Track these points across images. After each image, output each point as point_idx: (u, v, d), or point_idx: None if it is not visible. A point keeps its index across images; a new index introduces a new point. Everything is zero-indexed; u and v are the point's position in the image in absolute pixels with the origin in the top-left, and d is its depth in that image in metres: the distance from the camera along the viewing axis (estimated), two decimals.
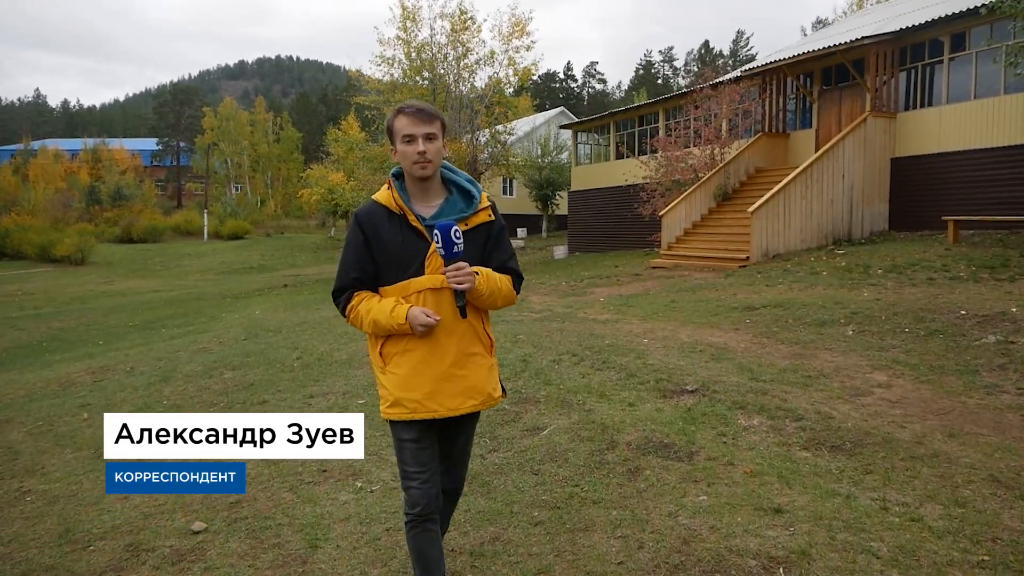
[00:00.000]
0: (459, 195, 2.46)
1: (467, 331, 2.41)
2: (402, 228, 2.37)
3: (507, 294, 2.46)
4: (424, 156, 2.34)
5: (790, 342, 7.13)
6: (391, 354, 2.41)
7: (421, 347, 2.36)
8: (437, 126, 2.39)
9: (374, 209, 2.42)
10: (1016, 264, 10.53)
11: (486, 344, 2.49)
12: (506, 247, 2.52)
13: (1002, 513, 3.03)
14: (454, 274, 2.28)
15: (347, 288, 2.44)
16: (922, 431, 4.15)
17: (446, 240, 2.25)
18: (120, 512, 4.00)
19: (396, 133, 2.39)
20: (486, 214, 2.45)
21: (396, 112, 2.41)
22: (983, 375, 5.51)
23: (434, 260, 2.34)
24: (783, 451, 3.86)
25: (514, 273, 2.52)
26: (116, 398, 7.49)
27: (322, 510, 3.63)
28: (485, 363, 2.46)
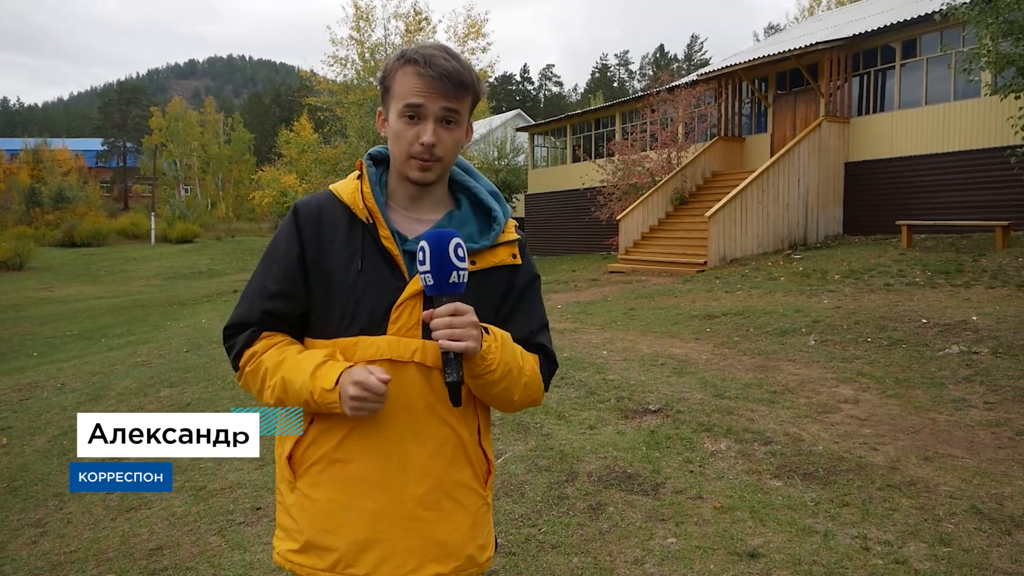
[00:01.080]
0: (471, 211, 1.50)
1: (449, 440, 1.41)
2: (365, 246, 1.41)
3: (531, 384, 1.45)
4: (431, 152, 1.39)
5: (752, 352, 6.95)
6: (309, 461, 1.41)
7: (364, 457, 1.38)
8: (466, 104, 1.43)
9: (328, 204, 1.45)
10: (970, 269, 10.58)
11: (479, 467, 1.48)
12: (538, 311, 1.53)
13: (990, 552, 2.82)
14: (446, 323, 1.29)
15: (250, 324, 1.42)
16: (896, 454, 3.95)
17: (440, 259, 1.28)
18: (25, 560, 3.57)
19: (395, 95, 1.42)
20: (509, 252, 1.48)
21: (404, 60, 1.40)
22: (950, 388, 5.37)
23: (407, 311, 1.38)
24: (753, 480, 3.61)
25: (545, 354, 1.52)
26: (40, 420, 6.98)
27: (252, 557, 3.26)
28: (473, 503, 1.45)
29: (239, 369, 1.44)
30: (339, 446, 1.38)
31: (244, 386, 1.46)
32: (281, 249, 1.45)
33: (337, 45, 25.91)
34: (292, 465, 1.43)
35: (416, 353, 1.37)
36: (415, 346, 1.37)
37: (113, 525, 3.90)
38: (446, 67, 1.37)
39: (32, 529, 4.03)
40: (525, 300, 1.50)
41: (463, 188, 1.53)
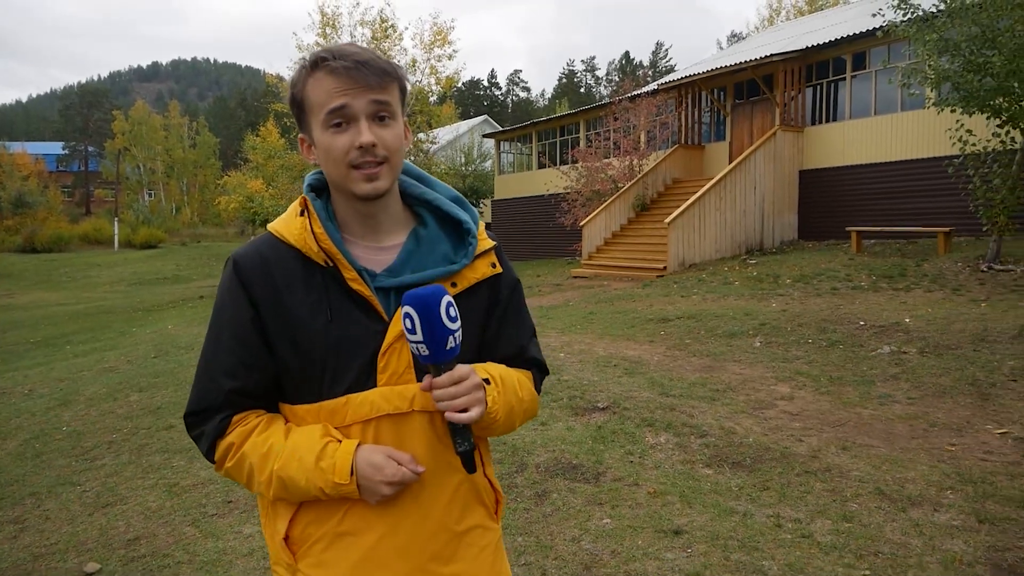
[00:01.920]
0: (438, 226, 1.33)
1: (461, 485, 1.30)
2: (330, 291, 1.22)
3: (529, 408, 1.36)
4: (374, 153, 1.20)
5: (701, 354, 7.34)
6: (311, 540, 1.24)
7: (376, 525, 1.23)
8: (394, 93, 1.24)
9: (273, 254, 1.24)
10: (912, 273, 11.12)
11: (489, 501, 1.37)
12: (525, 320, 1.42)
13: (885, 526, 3.20)
14: (451, 393, 1.16)
15: (216, 410, 1.24)
16: (818, 444, 4.34)
17: (432, 327, 1.13)
18: (8, 553, 3.79)
19: (312, 107, 1.22)
20: (487, 263, 1.34)
21: (311, 65, 1.21)
22: (878, 385, 5.80)
23: (395, 356, 1.23)
24: (687, 469, 3.97)
25: (536, 366, 1.43)
26: (10, 425, 7.10)
27: (224, 544, 3.52)
28: (489, 541, 1.35)
29: (216, 462, 1.26)
30: (344, 518, 1.21)
31: (227, 476, 1.28)
32: (228, 315, 1.23)
33: (303, 51, 26.00)
34: (290, 546, 1.25)
35: (416, 401, 1.21)
36: (412, 392, 1.21)
37: (91, 520, 4.13)
38: (361, 55, 1.19)
39: (11, 525, 4.24)
40: (511, 310, 1.38)
41: (421, 201, 1.34)
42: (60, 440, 6.21)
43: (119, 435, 6.11)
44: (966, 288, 9.51)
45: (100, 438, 6.11)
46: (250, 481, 1.24)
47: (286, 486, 1.19)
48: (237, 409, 1.24)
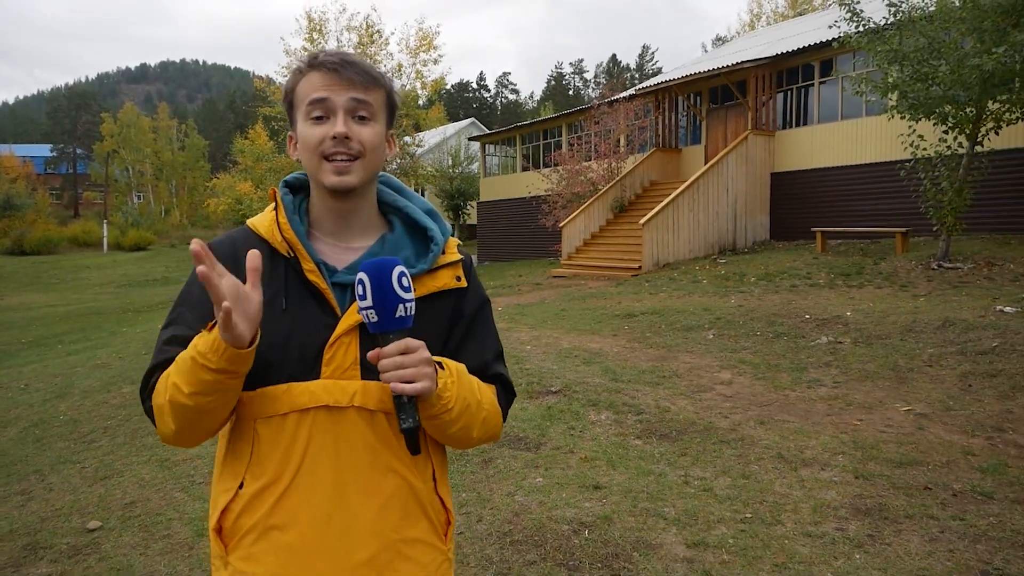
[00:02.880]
0: (405, 232, 1.37)
1: (399, 492, 1.26)
2: (288, 281, 1.26)
3: (490, 418, 1.32)
4: (346, 145, 1.24)
5: (658, 346, 7.89)
6: (241, 532, 1.23)
7: (303, 521, 1.21)
8: (377, 97, 1.29)
9: (243, 242, 1.30)
10: (868, 271, 11.72)
11: (437, 518, 1.33)
12: (491, 338, 1.41)
13: (775, 482, 3.75)
14: (397, 362, 1.13)
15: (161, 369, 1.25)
16: (739, 420, 4.90)
17: (383, 292, 1.13)
18: (17, 517, 4.29)
19: (299, 102, 1.29)
20: (452, 274, 1.35)
21: (306, 65, 1.29)
22: (809, 371, 6.36)
23: (342, 351, 1.24)
24: (619, 440, 4.51)
25: (502, 384, 1.41)
26: (10, 415, 7.57)
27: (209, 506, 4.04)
28: (432, 560, 1.30)
29: (148, 412, 1.27)
30: (273, 510, 1.20)
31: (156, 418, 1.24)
32: (195, 295, 1.27)
33: (291, 56, 26.48)
34: (222, 538, 1.25)
35: (356, 396, 1.22)
36: (354, 388, 1.22)
37: (91, 490, 4.63)
38: (350, 57, 1.27)
39: (18, 496, 4.74)
40: (476, 327, 1.36)
41: (395, 209, 1.38)
42: (58, 427, 6.69)
43: (114, 422, 6.60)
44: (913, 285, 10.10)
45: (96, 424, 6.59)
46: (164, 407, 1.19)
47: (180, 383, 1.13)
48: None
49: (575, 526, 3.27)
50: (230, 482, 1.25)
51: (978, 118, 10.62)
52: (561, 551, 3.05)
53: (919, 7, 10.86)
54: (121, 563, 3.43)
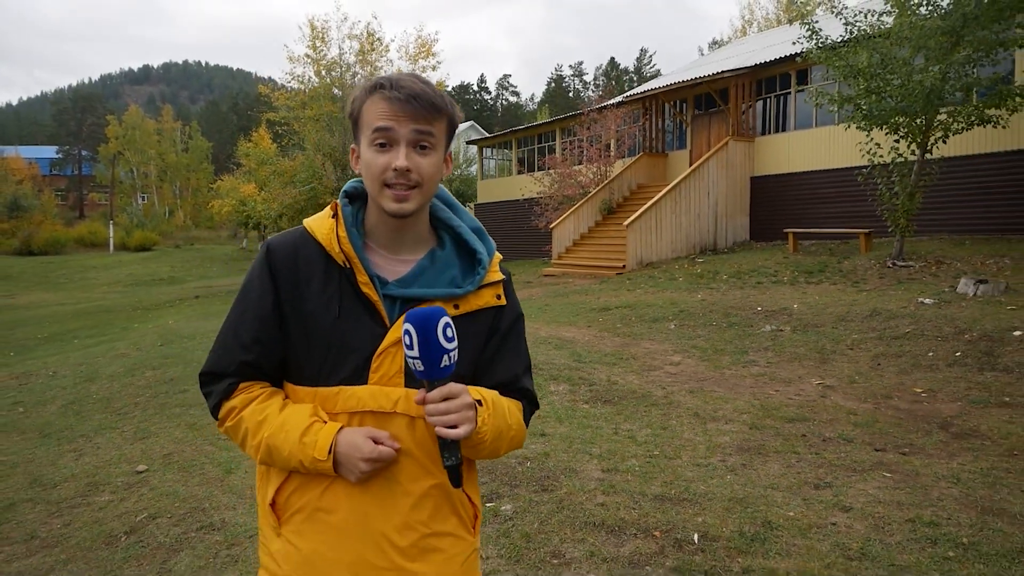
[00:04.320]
0: (454, 251, 1.46)
1: (433, 491, 1.38)
2: (343, 290, 1.36)
3: (517, 436, 1.43)
4: (407, 177, 1.33)
5: (624, 335, 8.83)
6: (293, 509, 1.38)
7: (347, 507, 1.35)
8: (440, 127, 1.38)
9: (303, 247, 1.40)
10: (830, 269, 12.65)
11: (466, 514, 1.46)
12: (521, 352, 1.51)
13: (685, 431, 4.70)
14: (442, 409, 1.24)
15: (226, 375, 1.39)
16: (674, 390, 5.85)
17: (428, 346, 1.21)
18: (76, 466, 5.24)
19: (364, 124, 1.36)
20: (493, 293, 1.45)
21: (372, 87, 1.36)
22: (749, 354, 7.30)
23: (389, 360, 1.34)
24: (570, 404, 5.46)
25: (528, 397, 1.51)
26: (46, 395, 8.51)
27: (234, 455, 4.99)
28: (460, 551, 1.42)
29: (219, 420, 1.41)
30: (323, 495, 1.34)
31: (225, 434, 1.42)
32: (254, 296, 1.39)
33: (294, 62, 27.43)
34: (276, 511, 1.39)
35: (399, 403, 1.32)
36: (398, 395, 1.32)
37: (132, 447, 5.58)
38: (414, 88, 1.32)
39: (72, 453, 5.69)
40: (509, 341, 1.46)
41: (446, 226, 1.47)
42: (93, 403, 7.65)
43: (143, 398, 7.55)
44: (865, 281, 11.04)
45: (127, 400, 7.55)
46: (244, 443, 1.37)
47: (271, 453, 1.32)
48: (245, 378, 1.37)
49: (520, 460, 4.21)
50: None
51: (928, 128, 11.55)
52: (507, 475, 3.99)
53: (875, 24, 11.79)
54: (167, 491, 4.39)
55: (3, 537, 4.03)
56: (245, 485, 4.36)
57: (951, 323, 7.09)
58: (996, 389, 5.49)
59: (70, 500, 4.52)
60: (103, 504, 4.36)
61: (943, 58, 10.55)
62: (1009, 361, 5.93)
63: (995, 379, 5.70)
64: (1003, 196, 13.53)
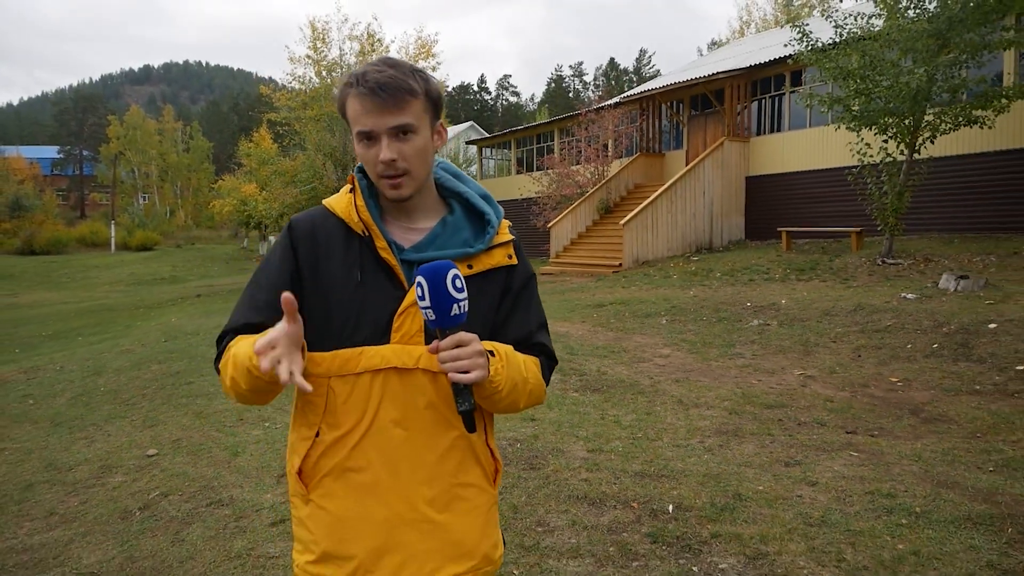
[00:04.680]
0: (464, 215, 1.54)
1: (458, 443, 1.45)
2: (363, 259, 1.45)
3: (535, 390, 1.49)
4: (394, 167, 1.41)
5: (617, 330, 9.08)
6: (321, 473, 1.44)
7: (376, 465, 1.41)
8: (414, 111, 1.41)
9: (322, 221, 1.50)
10: (821, 267, 12.89)
11: (487, 466, 1.52)
12: (535, 309, 1.58)
13: (667, 416, 4.95)
14: (453, 355, 1.29)
15: (237, 331, 1.46)
16: (660, 379, 6.10)
17: (438, 295, 1.28)
18: (89, 451, 5.49)
19: (350, 124, 1.46)
20: (504, 253, 1.53)
21: (347, 87, 1.42)
22: (736, 347, 7.55)
23: (409, 319, 1.42)
24: (561, 392, 5.71)
25: (545, 353, 1.57)
26: (55, 388, 8.76)
27: (240, 439, 5.24)
28: (483, 502, 1.50)
29: (219, 372, 1.44)
30: (351, 455, 1.40)
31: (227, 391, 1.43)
32: (274, 264, 1.47)
33: (295, 63, 27.69)
34: (303, 479, 1.44)
35: (421, 360, 1.39)
36: (419, 352, 1.39)
37: (142, 433, 5.84)
38: (380, 79, 1.36)
39: (84, 440, 5.94)
40: (522, 299, 1.52)
41: (453, 193, 1.55)
42: (102, 395, 7.89)
43: (149, 390, 7.80)
44: (854, 278, 11.29)
45: (134, 392, 7.80)
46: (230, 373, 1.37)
47: (236, 363, 1.34)
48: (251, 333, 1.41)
49: (510, 440, 4.47)
50: (306, 431, 1.44)
51: (916, 128, 11.79)
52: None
53: (865, 27, 12.04)
54: (178, 472, 4.64)
55: (24, 514, 4.28)
56: (251, 466, 4.61)
57: (931, 317, 7.34)
58: (968, 378, 5.74)
59: (85, 481, 4.77)
60: (117, 484, 4.61)
61: (929, 60, 10.79)
62: (983, 352, 6.18)
63: (968, 369, 5.95)
64: (991, 195, 13.78)
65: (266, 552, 3.33)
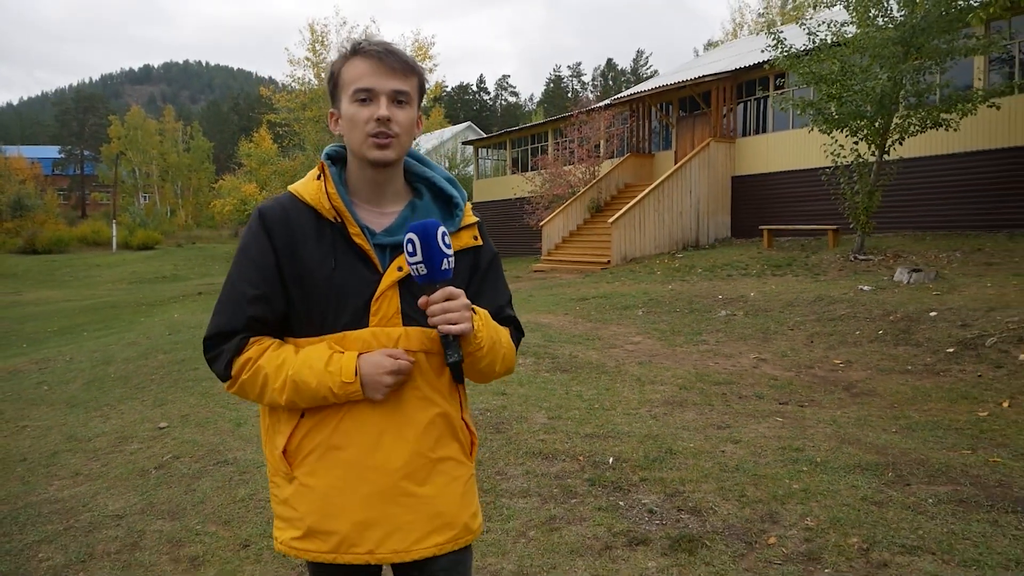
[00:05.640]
0: (432, 200, 1.60)
1: (436, 419, 1.51)
2: (336, 244, 1.46)
3: (508, 355, 1.60)
4: (388, 127, 1.44)
5: (596, 320, 9.66)
6: (305, 452, 1.48)
7: (357, 442, 1.45)
8: (413, 84, 1.50)
9: (292, 209, 1.49)
10: (797, 263, 13.47)
11: (464, 440, 1.60)
12: (501, 287, 1.68)
13: (625, 391, 5.54)
14: (444, 307, 1.38)
15: (237, 331, 1.46)
16: (624, 361, 6.69)
17: (430, 249, 1.36)
18: (105, 425, 6.08)
19: (344, 84, 1.48)
20: (471, 235, 1.60)
21: (350, 52, 1.49)
22: (703, 335, 8.14)
23: (386, 303, 1.46)
24: (533, 372, 6.30)
25: (514, 325, 1.70)
26: (68, 376, 9.34)
27: (243, 413, 5.83)
28: (461, 474, 1.57)
29: (231, 378, 1.46)
30: (333, 433, 1.45)
31: (238, 393, 1.48)
32: (254, 254, 1.47)
33: (295, 65, 28.33)
34: (288, 458, 1.48)
35: (400, 340, 1.44)
36: (398, 334, 1.45)
37: (152, 411, 6.42)
38: (387, 47, 1.47)
39: (99, 418, 6.53)
40: (490, 277, 1.61)
41: (421, 179, 1.60)
42: (112, 381, 8.47)
43: (157, 375, 8.38)
44: (824, 273, 11.88)
45: (143, 378, 8.38)
46: (263, 390, 1.43)
47: (299, 389, 1.39)
48: (255, 332, 1.46)
49: (481, 410, 5.05)
50: (289, 413, 1.48)
51: (885, 131, 12.37)
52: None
53: (839, 34, 12.62)
54: (187, 440, 5.23)
55: (52, 475, 4.86)
56: (253, 434, 5.19)
57: (881, 307, 7.92)
58: (903, 360, 6.33)
59: (104, 449, 5.35)
60: (133, 451, 5.20)
61: (895, 66, 11.37)
62: (920, 337, 6.77)
63: (905, 352, 6.53)
64: (961, 195, 14.36)
65: (265, 497, 3.92)
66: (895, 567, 2.72)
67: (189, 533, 3.55)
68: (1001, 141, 13.83)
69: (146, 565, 3.26)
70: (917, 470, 3.67)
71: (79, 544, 3.54)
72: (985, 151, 14.06)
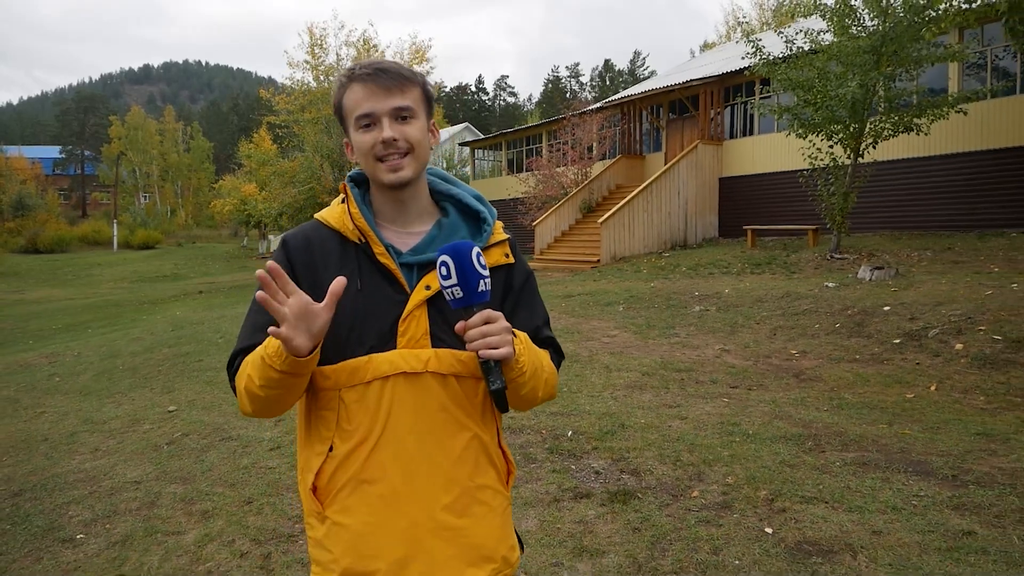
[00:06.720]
0: (459, 216, 1.53)
1: (472, 445, 1.43)
2: (361, 264, 1.42)
3: (551, 380, 1.50)
4: (395, 146, 1.41)
5: (578, 315, 10.21)
6: (336, 488, 1.40)
7: (391, 474, 1.38)
8: (415, 95, 1.45)
9: (315, 235, 1.48)
10: (777, 262, 14.01)
11: (500, 467, 1.51)
12: (538, 306, 1.58)
13: (593, 378, 6.08)
14: (483, 331, 1.29)
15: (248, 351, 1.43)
16: (598, 352, 7.23)
17: (465, 271, 1.28)
18: (118, 409, 6.62)
19: (348, 114, 1.45)
20: (502, 252, 1.52)
21: (346, 79, 1.45)
22: (675, 329, 8.68)
23: (414, 324, 1.39)
24: None
25: (553, 347, 1.60)
26: (78, 368, 9.88)
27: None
28: (500, 504, 1.48)
29: (236, 392, 1.44)
30: (364, 466, 1.37)
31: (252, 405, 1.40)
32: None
33: (294, 67, 28.83)
34: (318, 496, 1.41)
35: (429, 363, 1.37)
36: (427, 356, 1.37)
37: (161, 398, 6.96)
38: (382, 64, 1.42)
39: (112, 403, 7.07)
40: (525, 297, 1.53)
41: (447, 196, 1.55)
42: (121, 373, 9.02)
43: (164, 367, 8.93)
44: (800, 271, 12.42)
45: (150, 370, 8.92)
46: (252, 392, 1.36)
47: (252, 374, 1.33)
48: None
49: None
50: (319, 446, 1.41)
51: (859, 134, 12.92)
52: None
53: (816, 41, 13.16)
54: (195, 420, 5.77)
55: (73, 451, 5.41)
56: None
57: (841, 302, 8.46)
58: (853, 350, 6.88)
59: (119, 429, 5.90)
60: (146, 430, 5.74)
61: (866, 73, 11.92)
62: (872, 330, 7.31)
63: (856, 343, 7.08)
64: (935, 196, 14.92)
65: (266, 464, 4.46)
66: (792, 512, 3.27)
67: (199, 494, 4.09)
68: (974, 144, 14.38)
69: (163, 518, 3.80)
70: (834, 440, 4.22)
71: (104, 504, 4.08)
72: (959, 154, 14.61)
